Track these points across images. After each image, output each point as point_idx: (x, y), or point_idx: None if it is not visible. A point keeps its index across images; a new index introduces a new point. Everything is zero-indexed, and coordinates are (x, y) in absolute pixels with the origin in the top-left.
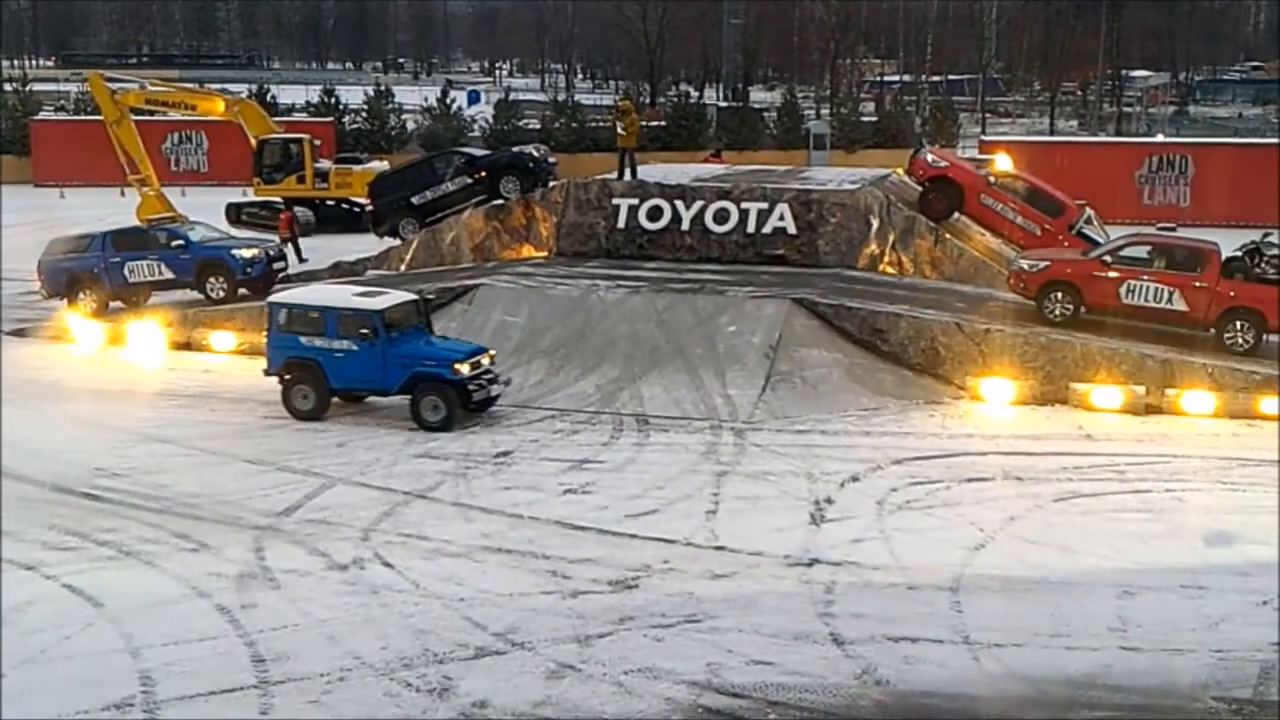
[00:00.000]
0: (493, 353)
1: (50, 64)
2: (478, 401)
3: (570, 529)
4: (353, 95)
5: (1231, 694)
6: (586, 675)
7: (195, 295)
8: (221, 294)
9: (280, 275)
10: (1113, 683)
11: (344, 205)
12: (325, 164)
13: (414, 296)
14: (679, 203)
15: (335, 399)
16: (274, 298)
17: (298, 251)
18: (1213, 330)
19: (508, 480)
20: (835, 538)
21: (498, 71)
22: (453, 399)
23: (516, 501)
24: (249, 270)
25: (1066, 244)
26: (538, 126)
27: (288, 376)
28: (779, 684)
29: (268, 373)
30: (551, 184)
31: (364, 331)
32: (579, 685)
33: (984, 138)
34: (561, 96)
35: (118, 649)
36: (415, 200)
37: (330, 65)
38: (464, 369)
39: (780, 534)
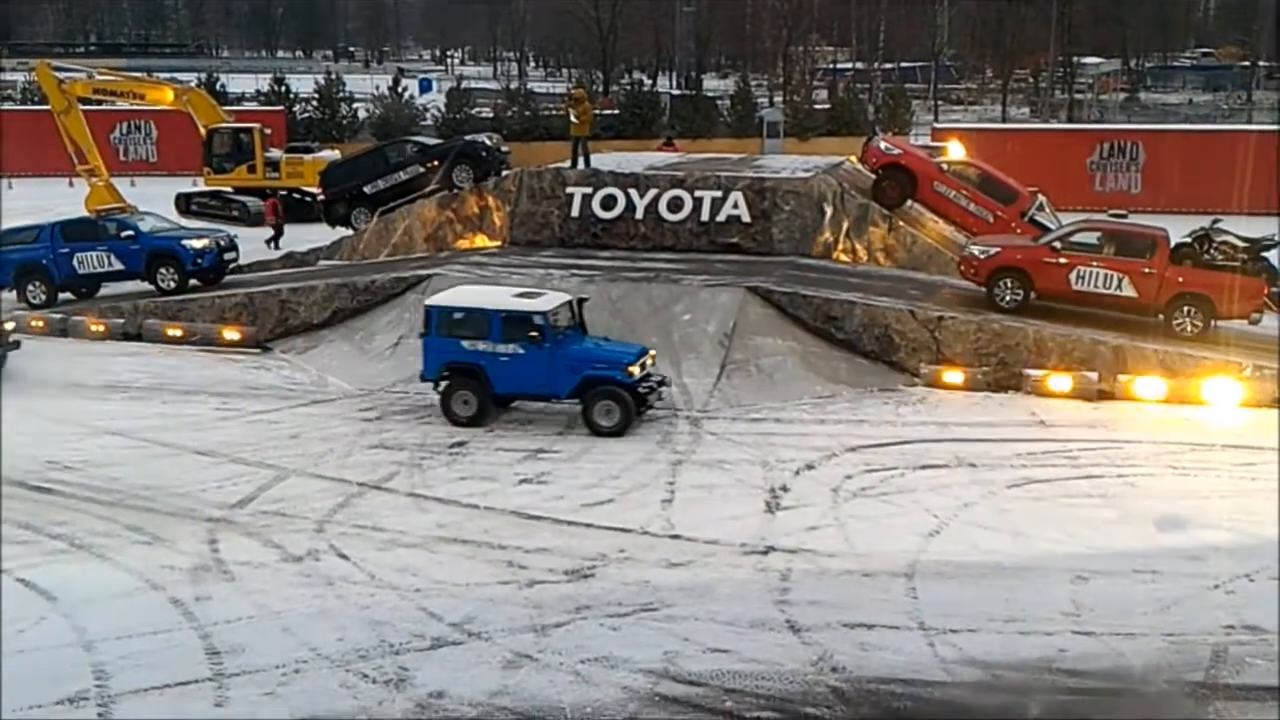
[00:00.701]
0: (654, 353)
1: None
2: (648, 404)
3: (526, 519)
4: (303, 84)
5: (1184, 677)
6: (543, 665)
7: (145, 286)
8: (172, 285)
9: (231, 266)
10: (1067, 666)
11: (295, 195)
12: (276, 153)
13: (569, 296)
14: (633, 191)
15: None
16: (431, 300)
17: (272, 240)
18: (1161, 316)
19: (463, 470)
20: (791, 525)
21: (449, 59)
22: (628, 403)
23: (472, 492)
24: (199, 261)
25: (1019, 231)
26: (490, 115)
27: (447, 382)
28: (736, 671)
29: (424, 378)
30: (504, 173)
31: (531, 334)
32: (536, 675)
33: (936, 125)
34: (514, 85)
35: (71, 643)
36: (367, 189)
37: (280, 53)
38: (635, 371)
39: (736, 522)
